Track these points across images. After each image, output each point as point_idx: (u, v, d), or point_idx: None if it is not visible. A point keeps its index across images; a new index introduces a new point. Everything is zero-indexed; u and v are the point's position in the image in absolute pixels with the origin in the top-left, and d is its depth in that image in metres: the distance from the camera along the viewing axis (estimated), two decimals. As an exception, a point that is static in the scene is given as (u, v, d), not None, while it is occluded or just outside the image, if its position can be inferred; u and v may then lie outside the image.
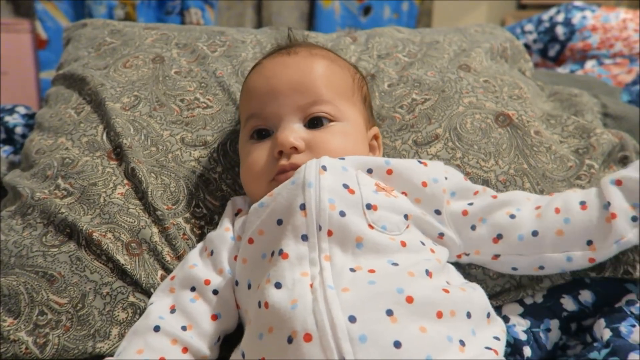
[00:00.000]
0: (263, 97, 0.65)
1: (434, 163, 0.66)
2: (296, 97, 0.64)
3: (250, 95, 0.68)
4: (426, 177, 0.62)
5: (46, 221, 0.68)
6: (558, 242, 0.60)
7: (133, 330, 0.58)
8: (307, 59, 0.67)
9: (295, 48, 0.69)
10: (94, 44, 0.92)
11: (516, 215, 0.62)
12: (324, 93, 0.64)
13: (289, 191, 0.56)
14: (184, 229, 0.70)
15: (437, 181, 0.62)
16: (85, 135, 0.76)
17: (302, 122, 0.64)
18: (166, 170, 0.73)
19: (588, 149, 0.76)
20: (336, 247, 0.53)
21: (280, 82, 0.65)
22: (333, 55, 0.72)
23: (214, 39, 0.92)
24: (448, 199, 0.63)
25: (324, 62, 0.67)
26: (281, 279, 0.52)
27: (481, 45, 0.92)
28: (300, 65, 0.66)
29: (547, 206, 0.62)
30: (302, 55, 0.67)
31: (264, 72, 0.67)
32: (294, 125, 0.63)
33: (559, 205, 0.62)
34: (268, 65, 0.68)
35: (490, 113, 0.78)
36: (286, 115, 0.64)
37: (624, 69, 1.48)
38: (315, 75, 0.65)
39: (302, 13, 2.43)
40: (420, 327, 0.48)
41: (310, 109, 0.64)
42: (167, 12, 2.16)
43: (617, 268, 0.65)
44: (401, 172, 0.62)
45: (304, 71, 0.65)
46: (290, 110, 0.64)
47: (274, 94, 0.64)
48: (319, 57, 0.68)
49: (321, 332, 0.46)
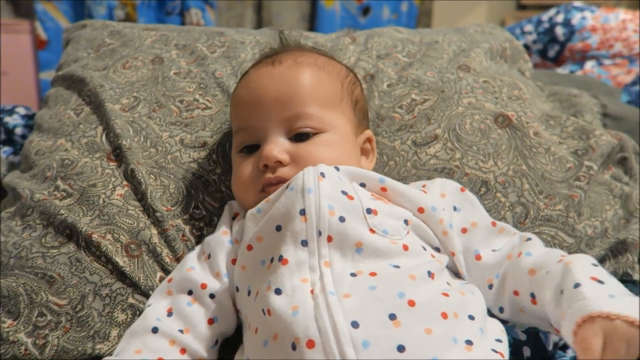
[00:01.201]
0: (249, 109, 0.66)
1: (433, 190, 0.63)
2: (280, 109, 0.63)
3: (237, 107, 0.69)
4: (424, 204, 0.61)
5: (46, 222, 0.68)
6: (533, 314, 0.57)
7: (130, 331, 0.58)
8: (291, 69, 0.66)
9: (280, 56, 0.68)
10: (94, 45, 0.92)
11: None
12: (308, 104, 0.64)
13: (288, 197, 0.56)
14: (183, 231, 0.70)
15: (435, 210, 0.61)
16: (84, 137, 0.76)
17: (286, 135, 0.64)
18: (165, 172, 0.73)
19: (587, 150, 0.76)
20: (336, 253, 0.53)
21: (264, 94, 0.64)
22: (322, 61, 0.70)
23: (213, 39, 0.92)
24: (445, 230, 0.61)
25: (310, 71, 0.66)
26: (281, 285, 0.52)
27: (480, 45, 0.92)
28: (284, 76, 0.65)
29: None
30: (286, 64, 0.66)
31: (250, 84, 0.67)
32: (279, 139, 0.63)
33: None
34: (253, 75, 0.68)
35: (489, 114, 0.78)
36: (271, 128, 0.63)
37: (623, 70, 1.48)
38: (298, 87, 0.64)
39: (303, 14, 2.43)
40: (426, 329, 0.48)
41: (294, 123, 0.63)
42: (167, 12, 2.16)
43: (616, 270, 0.65)
44: (396, 192, 0.61)
45: (287, 82, 0.64)
46: (274, 123, 0.63)
47: (259, 106, 0.64)
48: (304, 65, 0.67)
49: (324, 338, 0.46)
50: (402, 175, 0.74)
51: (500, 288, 0.59)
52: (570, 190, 0.72)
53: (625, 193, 0.76)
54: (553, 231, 0.70)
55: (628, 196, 0.75)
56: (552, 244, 0.69)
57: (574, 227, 0.70)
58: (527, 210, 0.71)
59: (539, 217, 0.70)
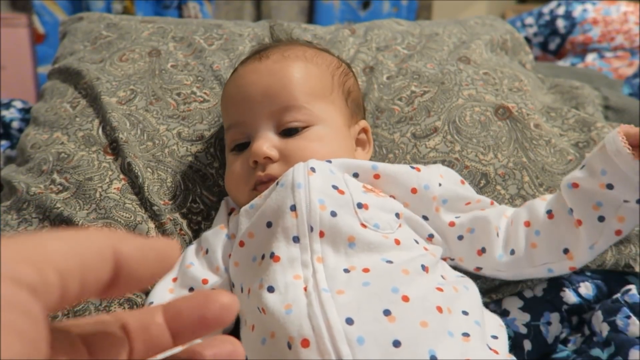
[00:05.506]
0: (237, 105, 0.65)
1: (429, 168, 0.65)
2: (268, 103, 0.63)
3: (226, 105, 0.68)
4: (417, 184, 0.61)
5: (42, 216, 0.67)
6: (534, 256, 0.59)
7: None
8: (278, 63, 0.65)
9: (267, 51, 0.68)
10: (90, 37, 0.91)
11: (498, 234, 0.61)
12: (296, 97, 0.63)
13: (278, 194, 0.56)
14: (180, 225, 0.69)
15: (429, 188, 0.61)
16: (81, 130, 0.76)
17: (276, 130, 0.63)
18: (163, 165, 0.73)
19: (588, 142, 0.75)
20: (328, 248, 0.53)
21: (251, 90, 0.64)
22: (311, 53, 0.69)
23: (211, 32, 0.91)
24: (438, 206, 0.62)
25: (297, 64, 0.66)
26: (273, 282, 0.51)
27: (481, 37, 0.91)
28: (271, 70, 0.64)
29: (517, 221, 0.61)
30: (273, 59, 0.66)
31: (237, 80, 0.67)
32: (268, 134, 0.62)
33: (528, 218, 0.61)
34: (241, 72, 0.67)
35: (489, 106, 0.77)
36: (260, 124, 0.63)
37: (625, 62, 1.47)
38: (286, 80, 0.63)
39: (302, 7, 2.42)
40: (421, 322, 0.47)
41: (282, 117, 0.62)
42: (164, 6, 2.15)
43: (618, 261, 0.65)
44: (389, 176, 0.61)
45: (275, 76, 0.64)
46: (263, 117, 0.63)
47: (247, 101, 0.64)
48: (292, 58, 0.66)
49: (318, 337, 0.46)
50: (402, 168, 0.73)
51: (512, 228, 0.61)
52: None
53: (626, 185, 0.75)
54: (554, 224, 0.69)
55: (630, 189, 0.75)
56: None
57: (575, 220, 0.69)
58: (528, 203, 0.70)
59: (539, 209, 0.70)
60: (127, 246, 0.21)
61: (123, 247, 0.20)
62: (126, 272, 0.20)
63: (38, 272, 0.17)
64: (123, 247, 0.20)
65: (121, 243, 0.20)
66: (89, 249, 0.19)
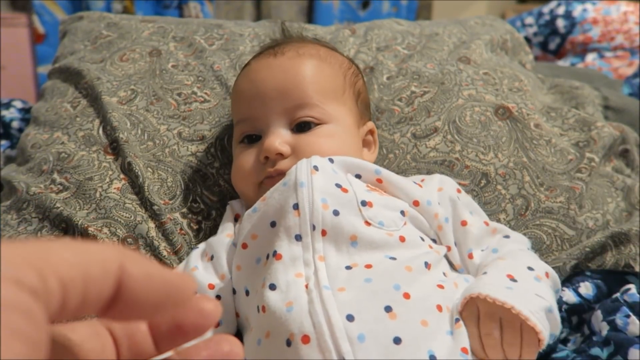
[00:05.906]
0: (250, 101, 0.65)
1: (429, 183, 0.63)
2: (281, 100, 0.63)
3: (238, 99, 0.68)
4: (419, 198, 0.60)
5: (41, 216, 0.67)
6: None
7: None
8: (293, 60, 0.65)
9: (282, 47, 0.67)
10: (90, 37, 0.91)
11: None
12: (310, 95, 0.63)
13: (281, 193, 0.55)
14: (181, 224, 0.69)
15: (431, 204, 0.60)
16: (81, 130, 0.76)
17: (288, 127, 0.63)
18: (163, 165, 0.73)
19: (589, 142, 0.75)
20: (330, 247, 0.53)
21: (265, 86, 0.64)
22: (324, 52, 0.69)
23: (212, 32, 0.91)
24: (440, 225, 0.60)
25: (312, 62, 0.66)
26: (275, 280, 0.51)
27: (481, 37, 0.91)
28: (285, 67, 0.64)
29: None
30: (288, 55, 0.66)
31: (251, 75, 0.67)
32: (280, 130, 0.62)
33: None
34: (255, 66, 0.67)
35: (489, 106, 0.77)
36: (273, 120, 0.63)
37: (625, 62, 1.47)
38: (300, 77, 0.63)
39: (301, 7, 2.42)
40: (422, 321, 0.47)
41: (296, 113, 0.62)
42: (165, 5, 2.15)
43: (618, 261, 0.65)
44: (391, 184, 0.61)
45: (289, 73, 0.64)
46: (276, 114, 0.63)
47: (260, 97, 0.64)
48: (306, 56, 0.66)
49: (318, 333, 0.46)
50: (402, 168, 0.73)
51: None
52: (571, 182, 0.71)
53: (627, 185, 0.75)
54: (554, 223, 0.69)
55: (630, 189, 0.75)
56: (553, 236, 0.69)
57: (575, 220, 0.70)
58: (528, 202, 0.70)
59: (539, 209, 0.70)
60: (135, 267, 0.20)
61: (131, 266, 0.19)
62: (128, 293, 0.19)
63: (40, 277, 0.17)
64: (131, 266, 0.19)
65: (130, 262, 0.19)
66: (93, 259, 0.19)
